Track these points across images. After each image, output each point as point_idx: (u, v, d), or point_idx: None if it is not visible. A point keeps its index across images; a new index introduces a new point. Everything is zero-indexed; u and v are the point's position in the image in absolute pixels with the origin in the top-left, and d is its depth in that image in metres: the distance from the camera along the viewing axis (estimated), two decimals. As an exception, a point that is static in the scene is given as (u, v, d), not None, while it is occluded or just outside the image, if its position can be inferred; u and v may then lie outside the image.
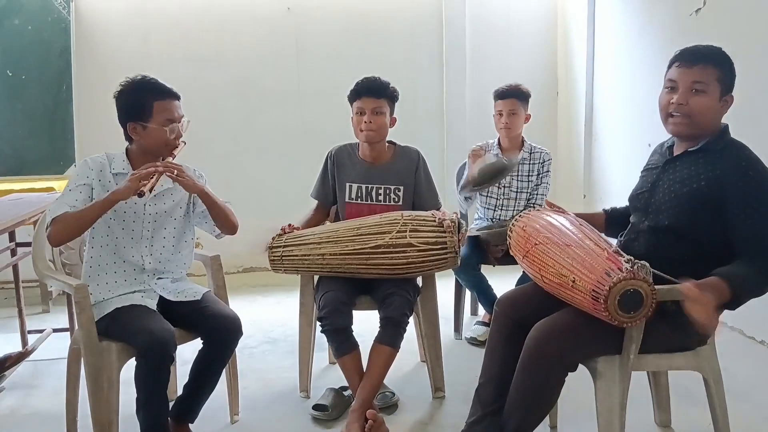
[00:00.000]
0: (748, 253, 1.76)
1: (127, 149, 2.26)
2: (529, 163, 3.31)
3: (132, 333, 2.03)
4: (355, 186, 2.73)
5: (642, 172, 2.10)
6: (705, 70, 1.83)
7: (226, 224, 2.34)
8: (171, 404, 2.19)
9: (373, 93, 2.62)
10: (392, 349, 2.40)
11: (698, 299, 1.59)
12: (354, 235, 2.45)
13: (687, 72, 1.85)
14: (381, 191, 2.71)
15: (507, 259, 2.81)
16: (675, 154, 1.97)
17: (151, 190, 2.04)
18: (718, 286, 1.69)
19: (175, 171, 2.14)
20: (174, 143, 2.22)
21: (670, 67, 1.92)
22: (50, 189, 3.90)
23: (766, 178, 1.79)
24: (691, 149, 1.91)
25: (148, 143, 2.19)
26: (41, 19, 4.40)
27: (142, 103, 2.15)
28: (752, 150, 1.86)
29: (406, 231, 2.40)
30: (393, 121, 2.70)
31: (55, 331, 3.36)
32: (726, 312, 1.92)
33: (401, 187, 2.71)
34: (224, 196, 2.36)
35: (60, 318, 3.58)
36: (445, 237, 2.38)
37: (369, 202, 2.71)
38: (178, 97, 2.23)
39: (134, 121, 2.17)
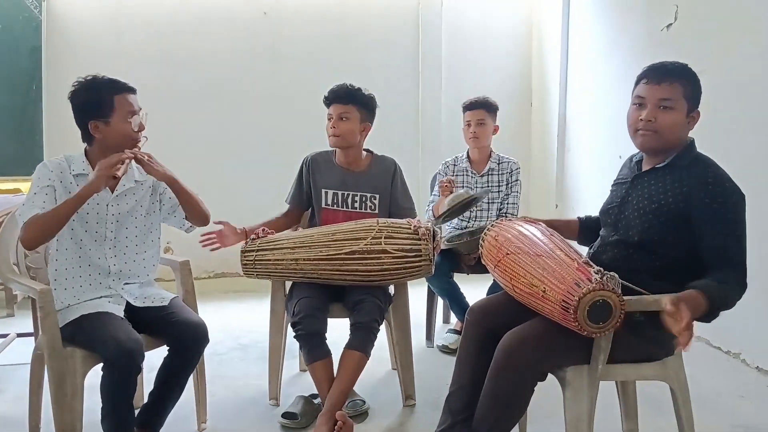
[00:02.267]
0: (717, 268, 1.78)
1: (85, 150, 2.22)
2: (498, 174, 3.36)
3: (99, 342, 1.99)
4: (330, 192, 2.72)
5: (612, 186, 2.13)
6: (672, 86, 1.85)
7: (197, 213, 2.32)
8: (136, 412, 2.16)
9: (339, 99, 2.66)
10: (363, 354, 2.39)
11: (676, 314, 1.60)
12: (329, 241, 2.45)
13: (654, 89, 1.87)
14: (357, 198, 2.72)
15: (480, 267, 2.84)
16: (643, 170, 1.99)
17: (121, 176, 2.07)
18: (696, 299, 1.70)
19: (145, 157, 2.15)
20: (137, 136, 2.19)
21: (637, 83, 1.94)
22: (17, 191, 3.82)
23: (731, 193, 1.81)
24: (658, 165, 1.93)
25: (112, 139, 2.15)
26: (11, 17, 4.33)
27: (102, 99, 2.13)
28: (719, 165, 1.88)
29: (381, 237, 2.40)
30: (365, 128, 2.70)
31: (19, 335, 3.29)
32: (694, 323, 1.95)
33: (377, 195, 2.72)
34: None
35: (25, 322, 3.51)
36: (420, 244, 2.39)
37: (345, 208, 2.71)
38: (134, 91, 2.21)
39: (95, 118, 2.14)
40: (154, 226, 2.35)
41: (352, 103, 2.65)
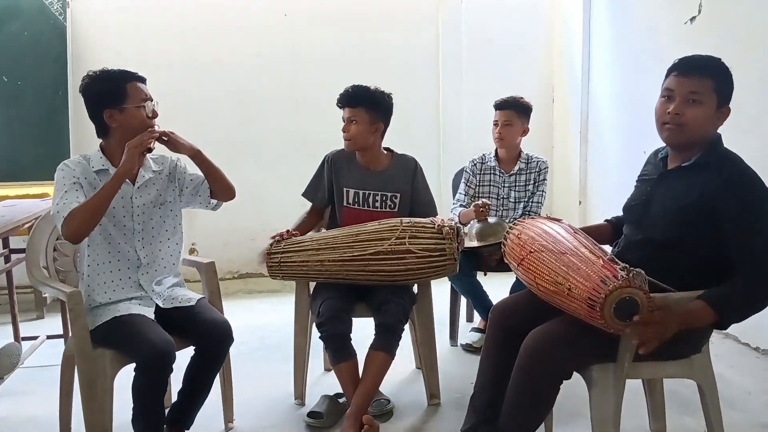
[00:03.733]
0: (742, 270, 1.76)
1: (101, 146, 2.26)
2: (526, 173, 3.34)
3: (132, 344, 2.02)
4: (352, 191, 2.73)
5: (636, 181, 2.10)
6: (701, 80, 1.82)
7: (223, 186, 2.35)
8: (166, 411, 2.19)
9: (347, 102, 2.67)
10: (387, 355, 2.40)
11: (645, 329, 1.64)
12: (353, 242, 2.45)
13: (683, 82, 1.84)
14: (378, 197, 2.72)
15: (500, 267, 2.83)
16: (669, 168, 1.96)
17: (143, 154, 2.15)
18: (697, 312, 1.72)
19: (167, 136, 2.21)
20: (151, 123, 2.22)
21: (667, 76, 1.91)
22: (45, 195, 3.89)
23: (758, 193, 1.79)
24: (684, 164, 1.90)
25: (127, 126, 2.17)
26: (38, 25, 4.39)
27: (115, 87, 2.16)
28: (746, 161, 1.85)
29: (405, 237, 2.40)
30: (376, 129, 2.68)
31: (48, 338, 3.35)
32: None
33: (398, 195, 2.72)
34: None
35: (54, 324, 3.56)
36: (444, 243, 2.39)
37: (366, 207, 2.72)
38: (144, 80, 2.24)
39: (110, 107, 2.16)
40: (175, 213, 2.37)
41: (359, 105, 2.64)
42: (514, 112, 3.28)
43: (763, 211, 1.77)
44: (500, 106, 3.30)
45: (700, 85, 1.82)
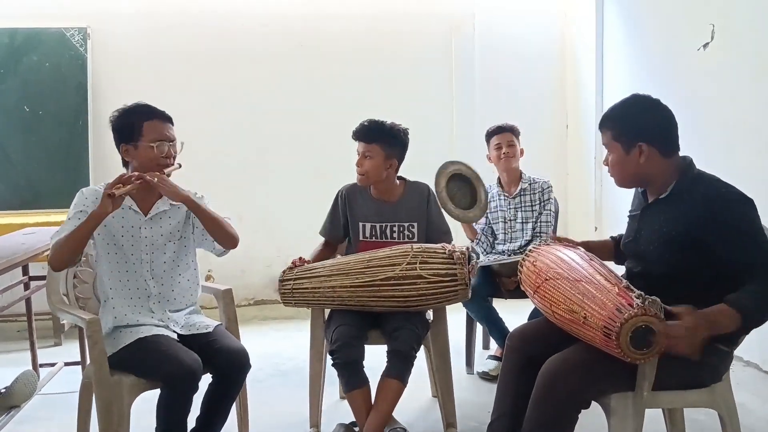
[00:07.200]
0: (748, 281, 1.75)
1: None
2: (530, 194, 3.39)
3: (160, 361, 2.04)
4: (368, 225, 2.73)
5: (628, 217, 2.15)
6: (604, 134, 2.01)
7: (222, 236, 2.30)
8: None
9: (362, 137, 2.67)
10: (400, 383, 2.38)
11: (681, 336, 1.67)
12: (364, 268, 2.46)
13: (601, 137, 2.05)
14: (395, 228, 2.72)
15: (520, 292, 2.82)
16: (649, 201, 2.02)
17: (122, 197, 2.09)
18: (720, 314, 1.71)
19: (155, 179, 2.17)
20: (163, 162, 2.24)
21: None
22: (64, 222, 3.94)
23: (736, 203, 1.82)
24: (661, 197, 1.95)
25: (139, 162, 2.23)
26: (58, 55, 4.50)
27: (132, 124, 2.22)
28: (720, 178, 1.89)
29: (416, 263, 2.40)
30: (390, 165, 2.67)
31: (66, 364, 3.37)
32: (742, 346, 1.91)
33: (415, 224, 2.72)
34: (236, 228, 2.37)
35: (72, 351, 3.58)
36: (455, 269, 2.38)
37: (384, 239, 2.71)
38: (169, 119, 2.28)
39: (126, 142, 2.23)
40: (188, 250, 2.39)
41: (374, 141, 2.63)
42: (512, 134, 3.40)
43: (745, 220, 1.80)
44: (500, 130, 3.41)
45: (604, 138, 2.02)
